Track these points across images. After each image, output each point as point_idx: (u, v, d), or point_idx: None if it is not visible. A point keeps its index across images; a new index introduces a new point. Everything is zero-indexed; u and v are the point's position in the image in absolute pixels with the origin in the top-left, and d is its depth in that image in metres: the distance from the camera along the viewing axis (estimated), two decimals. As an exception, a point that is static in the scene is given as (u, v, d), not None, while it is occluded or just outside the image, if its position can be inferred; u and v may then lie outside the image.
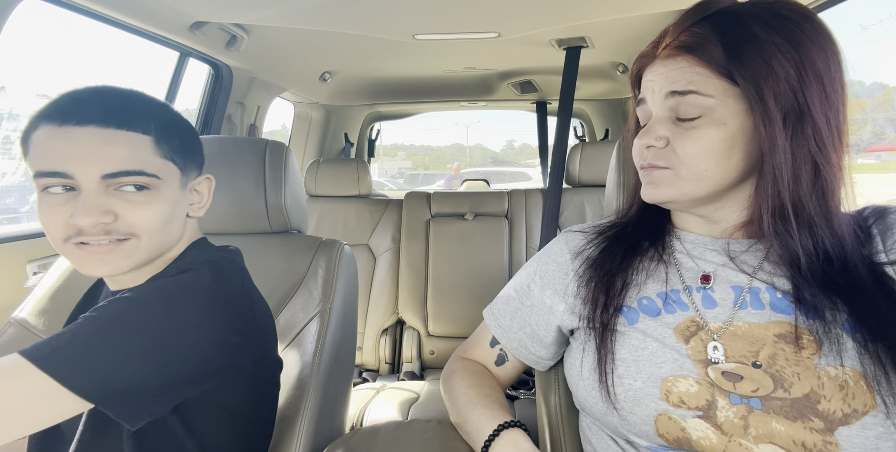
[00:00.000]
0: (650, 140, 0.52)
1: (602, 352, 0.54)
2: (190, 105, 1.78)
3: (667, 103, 0.52)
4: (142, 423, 0.51)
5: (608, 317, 0.56)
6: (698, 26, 0.50)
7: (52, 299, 0.83)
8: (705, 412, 0.48)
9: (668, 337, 0.52)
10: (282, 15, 1.24)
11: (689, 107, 0.50)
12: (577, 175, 1.74)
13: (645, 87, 0.54)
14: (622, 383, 0.52)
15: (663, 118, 0.52)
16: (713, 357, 0.50)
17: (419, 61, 1.84)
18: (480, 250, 1.82)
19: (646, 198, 0.56)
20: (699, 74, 0.49)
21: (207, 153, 0.69)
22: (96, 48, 34.97)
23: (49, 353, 0.47)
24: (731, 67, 0.48)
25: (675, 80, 0.50)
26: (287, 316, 0.87)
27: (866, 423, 0.43)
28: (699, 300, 0.54)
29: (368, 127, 3.03)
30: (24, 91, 3.59)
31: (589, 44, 1.57)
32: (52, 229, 0.54)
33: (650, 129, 0.53)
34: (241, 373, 0.60)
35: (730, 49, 0.48)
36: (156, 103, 0.60)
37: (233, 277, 0.63)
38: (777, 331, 0.49)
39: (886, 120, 4.68)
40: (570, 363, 0.60)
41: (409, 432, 0.67)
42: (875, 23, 6.11)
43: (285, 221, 0.92)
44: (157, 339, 0.51)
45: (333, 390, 0.84)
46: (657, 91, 0.52)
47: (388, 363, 1.84)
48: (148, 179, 0.56)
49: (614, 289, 0.57)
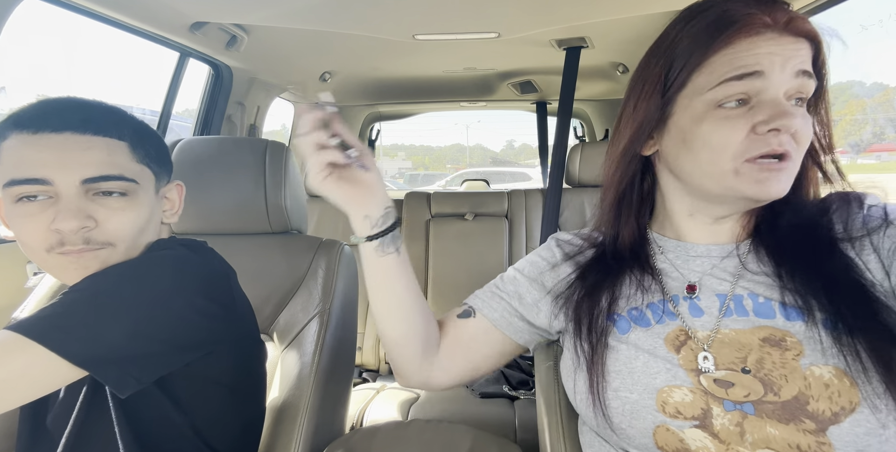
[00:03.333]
0: (797, 124, 0.47)
1: (595, 367, 0.54)
2: (190, 105, 1.78)
3: (796, 83, 0.48)
4: (131, 390, 0.52)
5: (599, 330, 0.55)
6: (792, 12, 0.49)
7: (51, 299, 0.83)
8: (701, 421, 0.48)
9: (659, 348, 0.52)
10: (282, 15, 1.24)
11: (808, 88, 0.49)
12: (577, 175, 1.74)
13: (764, 57, 0.47)
14: (618, 396, 0.51)
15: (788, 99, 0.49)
16: (703, 367, 0.50)
17: (419, 61, 1.84)
18: (480, 250, 1.81)
19: (766, 192, 0.49)
20: (808, 61, 0.49)
21: (207, 153, 0.69)
22: (96, 48, 34.89)
23: (35, 322, 0.49)
24: (821, 67, 0.50)
25: (802, 59, 0.48)
26: (287, 316, 0.87)
27: (855, 420, 0.43)
28: (686, 310, 0.54)
29: (368, 127, 3.03)
30: (24, 91, 3.59)
31: (589, 44, 1.57)
32: (32, 239, 0.55)
33: (791, 110, 0.47)
34: (222, 347, 0.61)
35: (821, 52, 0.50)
36: (124, 112, 0.62)
37: (207, 253, 0.66)
38: (761, 335, 0.49)
39: (886, 120, 4.69)
40: (566, 374, 0.60)
41: (409, 432, 0.67)
42: (875, 23, 6.12)
43: (285, 221, 0.92)
44: (137, 303, 0.53)
45: (333, 390, 0.84)
46: (788, 67, 0.47)
47: (388, 364, 1.84)
48: (127, 184, 0.57)
49: (602, 302, 0.57)
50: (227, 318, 0.61)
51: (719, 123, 0.49)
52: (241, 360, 0.66)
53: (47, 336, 0.47)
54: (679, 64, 0.51)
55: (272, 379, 0.83)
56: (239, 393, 0.66)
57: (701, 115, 0.50)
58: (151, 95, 0.69)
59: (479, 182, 3.81)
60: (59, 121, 0.55)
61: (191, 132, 1.75)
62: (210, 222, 0.91)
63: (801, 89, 0.48)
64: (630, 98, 0.57)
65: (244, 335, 0.66)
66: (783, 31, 0.48)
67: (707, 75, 0.49)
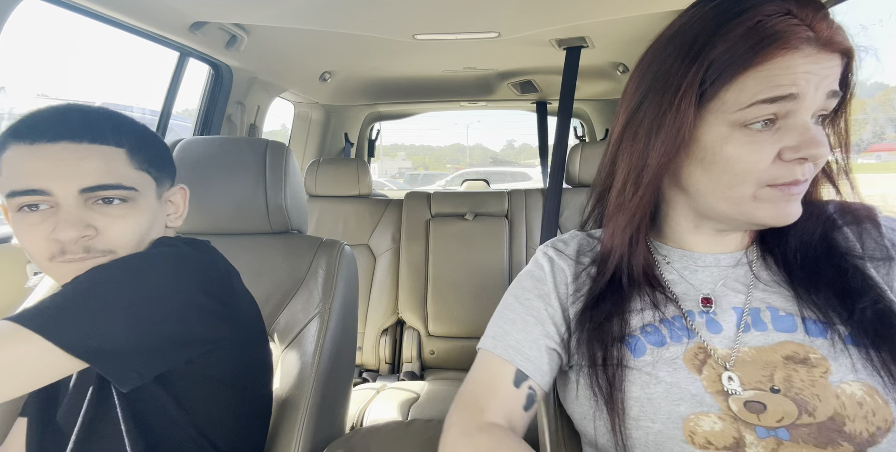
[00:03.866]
0: (824, 153, 0.44)
1: (612, 394, 0.48)
2: (190, 105, 1.78)
3: (825, 103, 0.45)
4: (132, 384, 0.52)
5: (614, 362, 0.50)
6: (833, 23, 0.44)
7: (52, 299, 0.84)
8: (734, 451, 0.44)
9: (679, 369, 0.48)
10: (282, 15, 1.24)
11: (830, 108, 0.46)
12: (577, 175, 1.74)
13: (802, 78, 0.43)
14: (639, 426, 0.47)
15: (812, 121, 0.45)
16: (729, 388, 0.46)
17: (419, 61, 1.84)
18: (480, 250, 1.81)
19: (782, 222, 0.47)
20: (839, 78, 0.45)
21: (207, 153, 0.69)
22: (96, 48, 34.74)
23: (34, 314, 0.49)
24: (849, 75, 0.46)
25: (835, 78, 0.44)
26: (287, 316, 0.87)
27: (891, 440, 0.41)
28: (703, 326, 0.50)
29: (368, 127, 3.03)
30: (24, 91, 3.59)
31: (589, 44, 1.57)
32: (34, 248, 0.55)
33: (819, 137, 0.44)
34: (223, 344, 0.61)
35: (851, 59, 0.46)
36: (124, 117, 0.62)
37: (209, 252, 0.66)
38: (784, 353, 0.46)
39: (886, 120, 4.68)
40: (573, 403, 0.54)
41: (409, 432, 0.67)
42: (875, 23, 6.11)
43: (285, 221, 0.92)
44: (136, 297, 0.53)
45: (333, 390, 0.84)
46: (821, 89, 0.44)
47: (388, 364, 1.84)
48: (125, 192, 0.57)
49: (614, 329, 0.52)
50: (227, 316, 0.61)
51: (745, 147, 0.45)
52: (244, 359, 0.66)
53: (45, 327, 0.48)
54: (712, 75, 0.45)
55: (272, 379, 0.83)
56: (242, 392, 0.66)
57: (726, 135, 0.46)
58: (152, 96, 0.68)
59: (479, 182, 3.81)
60: (55, 130, 0.55)
61: (191, 132, 1.75)
62: (210, 222, 0.90)
63: (826, 107, 0.45)
64: (647, 102, 0.49)
65: (248, 334, 0.66)
66: (823, 47, 0.43)
67: (737, 92, 0.45)
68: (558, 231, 1.64)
